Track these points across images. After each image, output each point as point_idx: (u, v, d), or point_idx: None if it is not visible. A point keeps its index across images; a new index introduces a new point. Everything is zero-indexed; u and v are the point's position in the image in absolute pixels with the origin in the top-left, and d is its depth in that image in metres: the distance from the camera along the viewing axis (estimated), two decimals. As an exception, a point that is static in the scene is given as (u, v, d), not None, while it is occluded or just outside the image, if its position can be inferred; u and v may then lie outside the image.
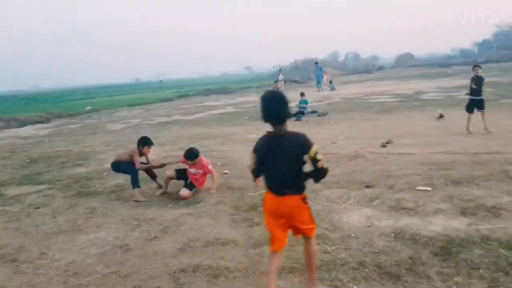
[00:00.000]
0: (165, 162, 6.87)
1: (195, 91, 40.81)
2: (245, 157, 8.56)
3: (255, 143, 3.25)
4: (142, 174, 6.61)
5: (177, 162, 6.72)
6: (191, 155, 6.24)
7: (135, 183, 6.35)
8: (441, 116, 11.96)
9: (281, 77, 34.09)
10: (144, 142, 6.51)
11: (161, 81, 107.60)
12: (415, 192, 5.49)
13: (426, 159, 7.26)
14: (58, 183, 7.61)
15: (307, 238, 3.22)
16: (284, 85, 34.51)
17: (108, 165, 8.80)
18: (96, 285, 3.64)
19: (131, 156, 6.44)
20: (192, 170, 6.31)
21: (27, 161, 10.24)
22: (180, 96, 36.21)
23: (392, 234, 4.27)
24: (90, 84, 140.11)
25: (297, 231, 3.20)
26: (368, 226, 4.52)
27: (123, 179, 7.55)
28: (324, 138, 10.06)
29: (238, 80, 75.63)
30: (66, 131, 16.78)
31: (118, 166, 6.55)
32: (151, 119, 18.72)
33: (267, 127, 3.12)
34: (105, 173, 8.14)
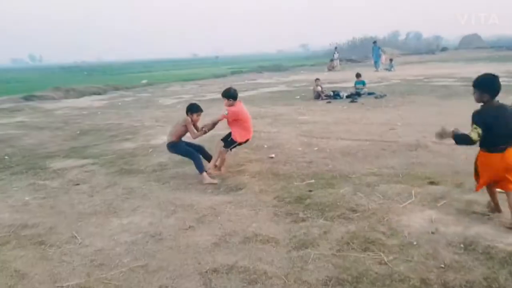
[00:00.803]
0: (213, 120, 6.15)
1: (248, 68, 40.35)
2: (293, 141, 8.03)
3: (473, 117, 3.84)
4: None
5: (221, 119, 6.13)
6: (229, 94, 5.98)
7: (201, 168, 5.83)
8: (515, 104, 10.69)
9: (336, 55, 33.06)
10: (194, 108, 6.01)
11: (217, 57, 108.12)
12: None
13: (500, 153, 6.36)
14: (102, 158, 7.48)
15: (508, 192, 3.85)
16: (340, 63, 33.33)
17: (155, 142, 8.67)
18: (120, 281, 3.31)
19: (185, 126, 5.95)
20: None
21: (78, 132, 10.31)
22: (233, 73, 35.90)
23: (462, 245, 3.61)
24: (150, 58, 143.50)
25: (505, 183, 3.86)
26: (433, 233, 3.87)
27: (167, 157, 7.29)
28: (381, 123, 9.27)
29: (293, 57, 74.23)
30: (120, 103, 16.97)
31: (176, 148, 6.05)
32: (203, 95, 18.53)
33: (318, 109, 2.55)
34: (150, 150, 7.94)
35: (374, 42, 30.54)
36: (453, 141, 4.21)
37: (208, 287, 3.19)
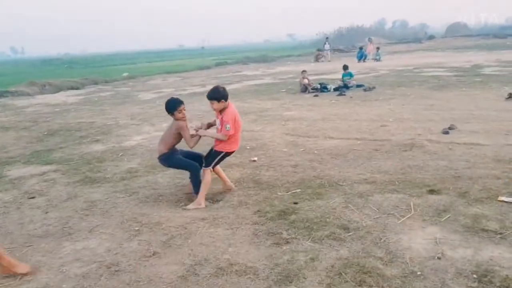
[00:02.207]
0: (203, 122, 5.09)
1: (234, 59, 39.48)
2: (278, 140, 7.39)
3: None
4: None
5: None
6: (218, 94, 4.64)
7: (198, 189, 4.77)
8: (510, 96, 10.19)
9: (327, 46, 32.45)
10: (174, 105, 4.78)
11: (203, 47, 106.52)
12: (498, 205, 4.16)
13: (501, 153, 5.83)
14: (66, 163, 6.75)
15: None
16: (330, 54, 32.73)
17: (128, 143, 7.94)
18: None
19: (178, 134, 4.79)
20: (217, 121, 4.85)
21: (45, 133, 9.53)
22: (218, 64, 35.04)
23: (475, 276, 3.03)
24: (136, 50, 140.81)
25: None
26: (438, 258, 3.29)
27: (137, 162, 6.62)
28: (371, 119, 8.68)
29: (280, 47, 73.39)
30: (96, 99, 16.12)
31: (170, 160, 4.88)
32: (184, 89, 17.76)
33: (305, 104, 1.90)
34: (121, 154, 7.23)
35: (361, 48, 30.07)
36: (450, 140, 3.44)
37: None
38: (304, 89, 13.70)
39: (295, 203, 4.53)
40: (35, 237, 4.15)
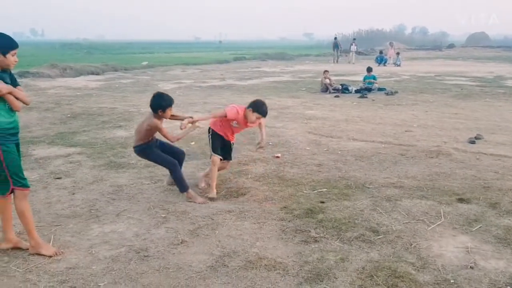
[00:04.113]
0: (194, 118, 4.70)
1: (252, 55, 39.41)
2: (301, 138, 7.35)
3: None
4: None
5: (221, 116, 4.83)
6: (263, 110, 4.67)
7: (183, 186, 4.60)
8: (536, 110, 10.03)
9: (354, 47, 31.47)
10: (166, 103, 4.45)
11: (220, 41, 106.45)
12: (530, 218, 4.08)
13: (531, 167, 5.73)
14: (90, 147, 6.80)
15: None
16: (355, 57, 31.71)
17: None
18: (91, 317, 2.67)
19: (150, 130, 4.51)
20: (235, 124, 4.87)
21: (68, 115, 9.60)
22: (236, 59, 35.00)
23: (509, 287, 2.98)
24: (151, 40, 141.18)
25: None
26: (471, 267, 3.24)
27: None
28: (395, 124, 8.60)
29: (296, 46, 73.10)
30: (117, 85, 16.20)
31: (146, 152, 4.66)
32: (204, 81, 17.76)
33: (326, 103, 1.86)
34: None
35: (380, 52, 29.79)
36: (477, 150, 3.25)
37: (201, 331, 2.55)
38: (325, 89, 13.61)
39: (322, 202, 4.50)
40: (63, 217, 4.18)
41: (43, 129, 8.15)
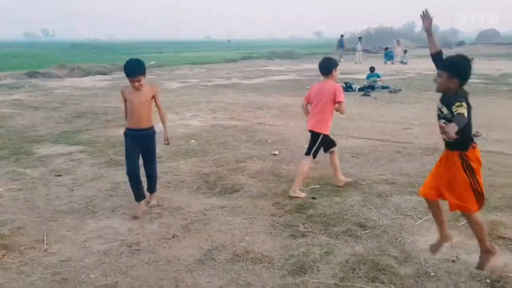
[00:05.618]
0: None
1: (259, 54, 39.48)
2: (300, 136, 7.41)
3: (456, 95, 2.90)
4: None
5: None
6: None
7: (139, 195, 4.26)
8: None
9: (359, 47, 31.24)
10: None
11: (229, 40, 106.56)
12: (518, 215, 4.12)
13: (527, 163, 5.74)
14: (93, 145, 6.95)
15: None
16: (361, 56, 31.36)
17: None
18: (79, 306, 2.80)
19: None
20: None
21: (73, 115, 9.78)
22: (244, 58, 35.11)
23: (488, 281, 3.05)
24: (162, 39, 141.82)
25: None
26: (453, 261, 3.31)
27: (160, 148, 6.72)
28: (395, 122, 8.63)
29: (306, 45, 72.95)
30: (123, 85, 16.38)
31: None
32: (209, 80, 17.89)
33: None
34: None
35: (386, 48, 29.61)
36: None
37: (183, 320, 2.66)
38: (329, 87, 13.63)
39: (313, 198, 4.58)
40: (61, 212, 4.32)
41: (48, 128, 8.34)
